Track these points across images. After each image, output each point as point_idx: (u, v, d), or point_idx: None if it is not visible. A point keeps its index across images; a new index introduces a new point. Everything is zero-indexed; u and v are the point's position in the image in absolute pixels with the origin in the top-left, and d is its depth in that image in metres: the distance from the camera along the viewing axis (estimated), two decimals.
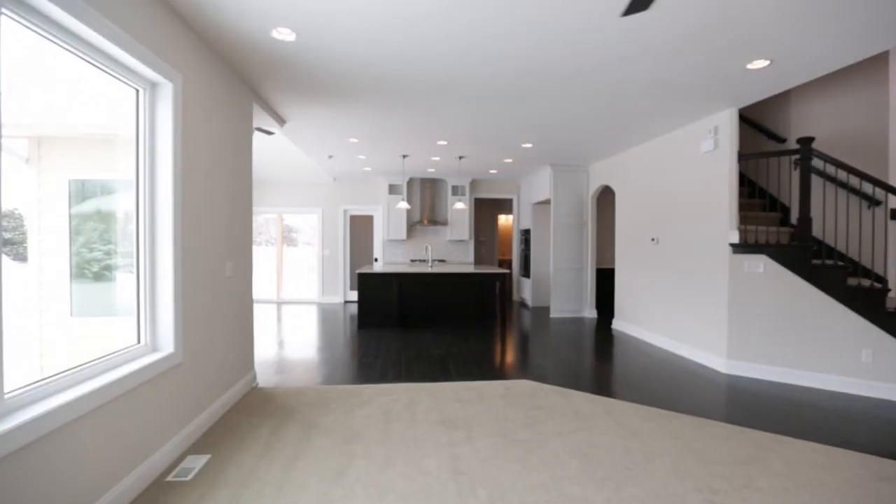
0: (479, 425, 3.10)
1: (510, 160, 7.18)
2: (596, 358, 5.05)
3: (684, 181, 5.09)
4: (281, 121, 4.75)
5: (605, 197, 8.12)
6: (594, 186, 7.48)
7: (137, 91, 2.48)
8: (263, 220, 10.03)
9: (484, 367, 4.54)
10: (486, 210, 10.63)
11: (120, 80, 2.34)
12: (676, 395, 3.75)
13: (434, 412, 3.33)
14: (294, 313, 8.06)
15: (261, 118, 4.44)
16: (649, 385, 4.02)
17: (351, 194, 9.43)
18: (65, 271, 2.64)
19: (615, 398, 3.66)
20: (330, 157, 6.85)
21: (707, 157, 4.70)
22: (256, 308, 8.46)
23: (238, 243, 3.51)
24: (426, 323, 6.95)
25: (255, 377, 3.89)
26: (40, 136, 2.65)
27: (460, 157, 6.94)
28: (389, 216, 9.08)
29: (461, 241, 9.46)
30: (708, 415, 3.33)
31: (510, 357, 5.05)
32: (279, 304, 9.24)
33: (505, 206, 10.80)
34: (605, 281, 7.95)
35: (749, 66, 3.38)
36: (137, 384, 2.23)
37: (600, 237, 8.13)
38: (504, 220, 11.69)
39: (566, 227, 7.67)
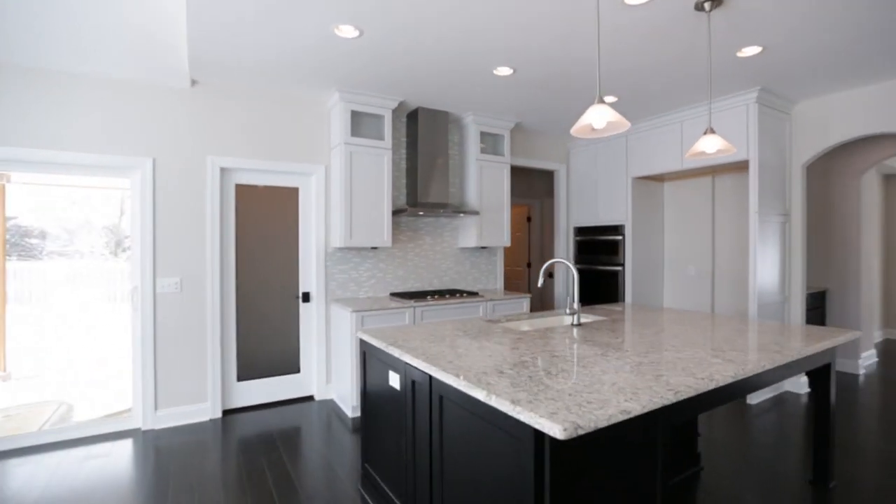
0: None
1: (757, 50, 2.86)
2: None
3: None
4: None
5: (819, 169, 4.65)
6: (809, 147, 3.76)
7: None
8: None
9: None
10: None
11: None
12: None
13: None
14: None
15: None
16: None
17: (238, 126, 3.59)
18: None
19: None
20: None
21: None
22: None
23: None
24: None
25: None
26: None
27: None
28: (352, 188, 3.70)
29: (483, 248, 4.68)
30: None
31: None
32: None
33: (520, 183, 6.43)
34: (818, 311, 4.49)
35: None
36: None
37: (813, 239, 4.69)
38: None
39: (761, 219, 3.78)
